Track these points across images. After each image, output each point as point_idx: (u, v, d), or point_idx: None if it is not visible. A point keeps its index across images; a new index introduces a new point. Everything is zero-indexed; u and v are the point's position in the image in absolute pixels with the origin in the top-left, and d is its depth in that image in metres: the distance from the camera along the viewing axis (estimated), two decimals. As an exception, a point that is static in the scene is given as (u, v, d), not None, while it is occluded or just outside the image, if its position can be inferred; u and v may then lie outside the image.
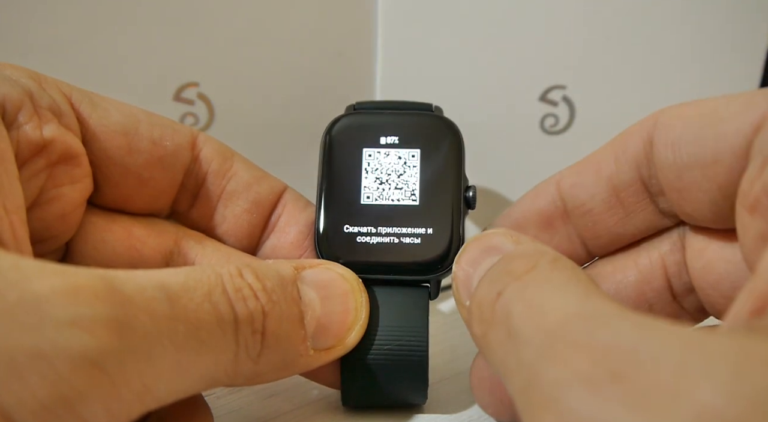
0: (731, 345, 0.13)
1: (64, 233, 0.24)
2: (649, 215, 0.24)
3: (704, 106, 0.21)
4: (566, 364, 0.15)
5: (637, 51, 0.35)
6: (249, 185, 0.27)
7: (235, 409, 0.27)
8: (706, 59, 0.36)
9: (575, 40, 0.35)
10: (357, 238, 0.26)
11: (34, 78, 0.23)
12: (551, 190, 0.26)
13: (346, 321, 0.24)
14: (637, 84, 0.36)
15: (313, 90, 0.34)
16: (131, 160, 0.25)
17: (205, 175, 0.27)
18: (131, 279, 0.18)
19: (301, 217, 0.27)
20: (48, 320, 0.15)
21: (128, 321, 0.16)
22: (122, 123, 0.25)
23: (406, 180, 0.26)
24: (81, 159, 0.24)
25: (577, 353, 0.15)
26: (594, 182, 0.25)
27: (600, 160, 0.25)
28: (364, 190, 0.26)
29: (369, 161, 0.27)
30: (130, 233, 0.25)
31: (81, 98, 0.24)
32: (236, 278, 0.20)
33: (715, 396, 0.12)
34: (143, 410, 0.17)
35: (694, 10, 0.35)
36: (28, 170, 0.22)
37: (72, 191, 0.24)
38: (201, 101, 0.33)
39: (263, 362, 0.21)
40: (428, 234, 0.25)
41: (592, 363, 0.14)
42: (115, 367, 0.16)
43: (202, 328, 0.18)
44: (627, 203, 0.24)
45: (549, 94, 0.36)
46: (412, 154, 0.26)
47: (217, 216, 0.27)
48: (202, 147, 0.27)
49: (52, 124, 0.23)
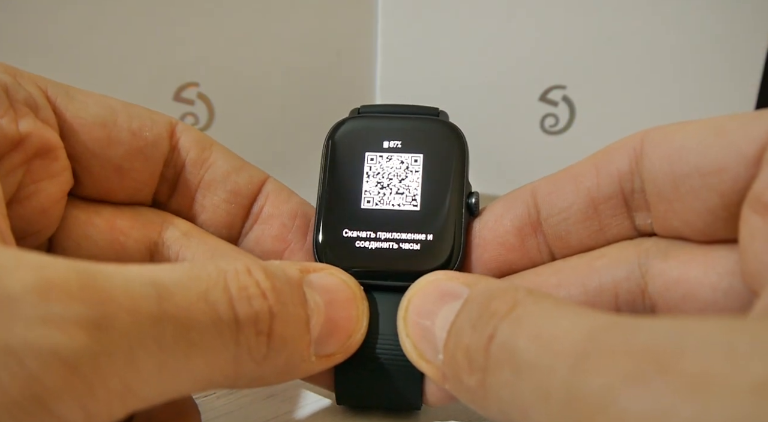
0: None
1: (45, 228, 0.24)
2: (623, 230, 0.24)
3: (701, 122, 0.22)
4: (608, 371, 0.15)
5: (637, 51, 0.35)
6: (227, 174, 0.27)
7: (235, 409, 0.27)
8: (706, 59, 0.36)
9: (575, 40, 0.35)
10: (356, 243, 0.25)
11: (9, 72, 0.23)
12: (526, 197, 0.25)
13: (348, 327, 0.23)
14: (637, 84, 0.36)
15: (313, 90, 0.35)
16: (111, 151, 0.24)
17: (183, 164, 0.26)
18: (118, 274, 0.17)
19: (284, 208, 0.27)
20: (18, 316, 0.15)
21: (105, 320, 0.16)
22: (100, 115, 0.24)
23: (407, 185, 0.26)
24: (58, 153, 0.23)
25: (617, 358, 0.15)
26: (573, 191, 0.24)
27: (580, 172, 0.24)
28: (364, 194, 0.26)
29: (371, 164, 0.26)
30: (113, 225, 0.25)
31: (57, 91, 0.24)
32: (243, 275, 0.20)
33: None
34: (127, 410, 0.17)
35: (694, 10, 0.35)
36: (4, 166, 0.22)
37: (51, 185, 0.23)
38: (201, 101, 0.33)
39: (267, 365, 0.20)
40: (428, 240, 0.25)
41: (635, 363, 0.14)
42: (89, 367, 0.15)
43: (194, 329, 0.18)
44: (603, 216, 0.24)
45: (549, 94, 0.36)
46: (414, 158, 0.26)
47: (196, 206, 0.27)
48: (180, 136, 0.26)
49: (28, 118, 0.22)
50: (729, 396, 0.13)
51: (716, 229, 0.22)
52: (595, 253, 0.24)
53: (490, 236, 0.26)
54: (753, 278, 0.20)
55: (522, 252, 0.25)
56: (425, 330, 0.21)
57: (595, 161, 0.24)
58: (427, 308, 0.21)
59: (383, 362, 0.24)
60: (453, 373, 0.20)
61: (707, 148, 0.21)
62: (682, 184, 0.22)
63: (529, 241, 0.25)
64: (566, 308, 0.18)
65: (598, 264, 0.24)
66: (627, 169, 0.23)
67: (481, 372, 0.18)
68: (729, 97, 0.37)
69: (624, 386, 0.14)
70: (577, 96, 0.36)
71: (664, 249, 0.23)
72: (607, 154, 0.24)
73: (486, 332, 0.18)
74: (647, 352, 0.14)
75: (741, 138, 0.20)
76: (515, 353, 0.17)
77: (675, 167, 0.22)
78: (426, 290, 0.22)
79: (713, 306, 0.21)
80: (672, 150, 0.22)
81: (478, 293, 0.20)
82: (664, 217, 0.23)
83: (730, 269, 0.21)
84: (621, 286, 0.24)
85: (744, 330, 0.14)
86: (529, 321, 0.18)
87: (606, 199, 0.24)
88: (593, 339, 0.16)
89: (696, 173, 0.21)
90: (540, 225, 0.25)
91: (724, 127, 0.21)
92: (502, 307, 0.19)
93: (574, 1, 0.34)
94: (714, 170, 0.21)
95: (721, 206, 0.21)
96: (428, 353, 0.21)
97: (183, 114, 0.33)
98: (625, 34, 0.35)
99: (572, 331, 0.16)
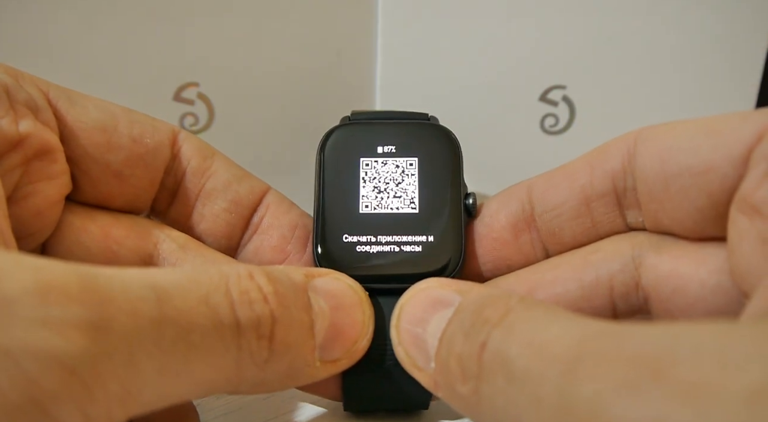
0: (766, 330, 0.14)
1: (40, 231, 0.23)
2: (615, 227, 0.24)
3: (692, 122, 0.22)
4: (601, 377, 0.15)
5: (637, 51, 0.35)
6: (228, 183, 0.26)
7: (235, 409, 0.27)
8: (706, 59, 0.36)
9: (575, 40, 0.35)
10: (356, 247, 0.25)
11: (10, 73, 0.23)
12: (521, 194, 0.26)
13: (353, 333, 0.23)
14: (637, 84, 0.36)
15: (312, 90, 0.35)
16: (111, 157, 0.24)
17: (183, 173, 0.26)
18: (117, 277, 0.17)
19: (285, 219, 0.27)
20: (18, 319, 0.15)
21: (105, 323, 0.16)
22: (101, 120, 0.24)
23: (404, 188, 0.26)
24: (57, 155, 0.23)
25: (610, 364, 0.15)
26: (566, 188, 0.25)
27: (574, 170, 0.25)
28: (362, 199, 0.26)
29: (366, 170, 0.26)
30: (107, 234, 0.25)
31: (59, 95, 0.24)
32: (245, 279, 0.19)
33: (765, 374, 0.13)
34: (127, 414, 0.17)
35: (694, 9, 0.35)
36: (3, 166, 0.22)
37: (48, 187, 0.23)
38: (201, 101, 0.33)
39: (270, 370, 0.20)
40: (429, 242, 0.25)
41: (628, 370, 0.14)
42: (89, 370, 0.15)
43: (194, 332, 0.18)
44: (596, 213, 0.24)
45: (549, 94, 0.36)
46: (409, 162, 0.26)
47: (196, 215, 0.27)
48: (182, 145, 0.26)
49: (28, 119, 0.22)
50: (724, 403, 0.13)
51: (705, 228, 0.22)
52: (590, 248, 0.25)
53: (484, 232, 0.26)
54: (742, 278, 0.20)
55: (516, 248, 0.26)
56: (417, 338, 0.21)
57: (589, 160, 0.24)
58: (418, 316, 0.21)
59: (391, 366, 0.24)
60: (445, 381, 0.20)
61: (697, 148, 0.21)
62: (672, 183, 0.22)
63: (523, 237, 0.26)
64: (558, 314, 0.18)
65: (593, 258, 0.24)
66: (620, 167, 0.23)
67: (474, 380, 0.18)
68: (729, 97, 0.37)
69: (617, 393, 0.14)
70: (577, 96, 0.36)
71: (657, 243, 0.23)
72: (601, 152, 0.24)
73: (478, 340, 0.18)
74: (640, 359, 0.14)
75: (730, 138, 0.20)
76: (508, 360, 0.17)
77: (666, 167, 0.22)
78: (418, 297, 0.22)
79: (702, 302, 0.22)
80: (663, 149, 0.22)
81: (471, 301, 0.20)
82: (655, 215, 0.23)
83: (719, 266, 0.21)
84: (616, 279, 0.24)
85: (736, 335, 0.14)
86: (521, 328, 0.18)
87: (599, 196, 0.24)
88: (585, 345, 0.16)
89: (686, 172, 0.21)
90: (534, 221, 0.25)
91: (714, 127, 0.21)
92: (495, 315, 0.18)
93: (574, 1, 0.34)
94: (703, 170, 0.21)
95: (710, 205, 0.21)
96: (420, 361, 0.21)
97: (183, 114, 0.33)
98: (625, 34, 0.35)
99: (564, 337, 0.16)
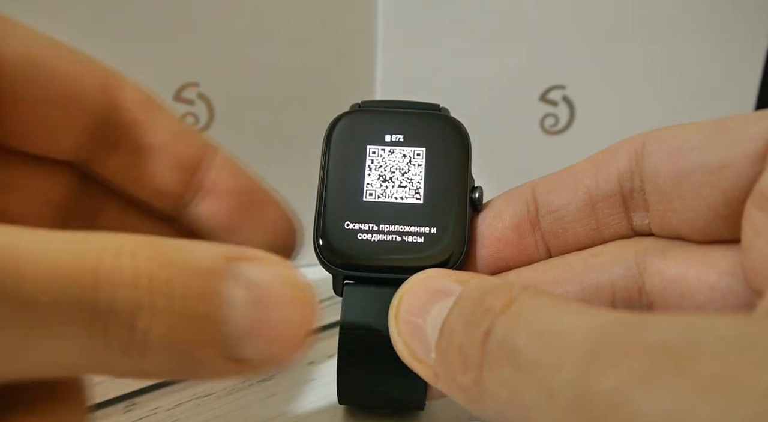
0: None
1: None
2: (620, 230, 0.24)
3: (703, 123, 0.22)
4: (621, 368, 0.14)
5: (638, 51, 0.35)
6: (172, 139, 0.25)
7: (235, 409, 0.27)
8: (706, 59, 0.36)
9: (575, 40, 0.35)
10: (358, 235, 0.25)
11: None
12: (526, 194, 0.25)
13: (280, 332, 0.18)
14: (637, 84, 0.36)
15: (313, 90, 0.35)
16: (37, 94, 0.22)
17: (124, 124, 0.24)
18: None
19: (233, 183, 0.26)
20: None
21: None
22: (27, 52, 0.22)
23: (410, 178, 0.26)
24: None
25: (629, 356, 0.14)
26: (571, 189, 0.24)
27: (580, 171, 0.24)
28: (366, 187, 0.26)
29: (372, 158, 0.26)
30: None
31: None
32: (123, 257, 0.16)
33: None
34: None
35: (694, 10, 0.35)
36: None
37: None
38: (201, 101, 0.33)
39: (149, 360, 0.17)
40: (432, 233, 0.25)
41: (649, 361, 0.14)
42: None
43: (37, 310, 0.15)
44: (601, 214, 0.24)
45: (549, 94, 0.36)
46: (417, 152, 0.26)
47: (137, 171, 0.25)
48: (123, 94, 0.24)
49: None
50: (749, 398, 0.13)
51: (716, 228, 0.22)
52: (593, 251, 0.24)
53: (488, 232, 0.26)
54: (756, 275, 0.20)
55: (519, 249, 0.25)
56: (416, 329, 0.21)
57: (595, 161, 0.24)
58: (418, 306, 0.21)
59: (386, 360, 0.23)
60: (446, 372, 0.19)
61: (711, 145, 0.21)
62: (684, 181, 0.22)
63: (526, 238, 0.25)
64: (566, 304, 0.17)
65: (595, 262, 0.24)
66: (627, 168, 0.23)
67: (476, 369, 0.18)
68: (729, 97, 0.37)
69: (638, 385, 0.14)
70: (577, 96, 0.36)
71: (663, 248, 0.23)
72: (607, 154, 0.24)
73: (481, 328, 0.18)
74: (661, 350, 0.14)
75: (745, 135, 0.20)
76: (515, 350, 0.17)
77: (678, 164, 0.22)
78: (417, 287, 0.21)
79: (710, 306, 0.21)
80: (675, 147, 0.22)
81: (471, 289, 0.20)
82: (663, 216, 0.23)
83: (728, 269, 0.21)
84: (618, 284, 0.23)
85: (759, 329, 0.14)
86: (528, 318, 0.17)
87: (604, 198, 0.24)
88: (602, 336, 0.15)
89: (699, 170, 0.21)
90: (538, 222, 0.25)
91: (728, 125, 0.21)
92: (498, 303, 0.18)
93: (575, 1, 0.34)
94: (717, 167, 0.21)
95: (723, 203, 0.21)
96: (420, 352, 0.21)
97: (183, 114, 0.33)
98: (625, 34, 0.35)
99: (578, 328, 0.16)
